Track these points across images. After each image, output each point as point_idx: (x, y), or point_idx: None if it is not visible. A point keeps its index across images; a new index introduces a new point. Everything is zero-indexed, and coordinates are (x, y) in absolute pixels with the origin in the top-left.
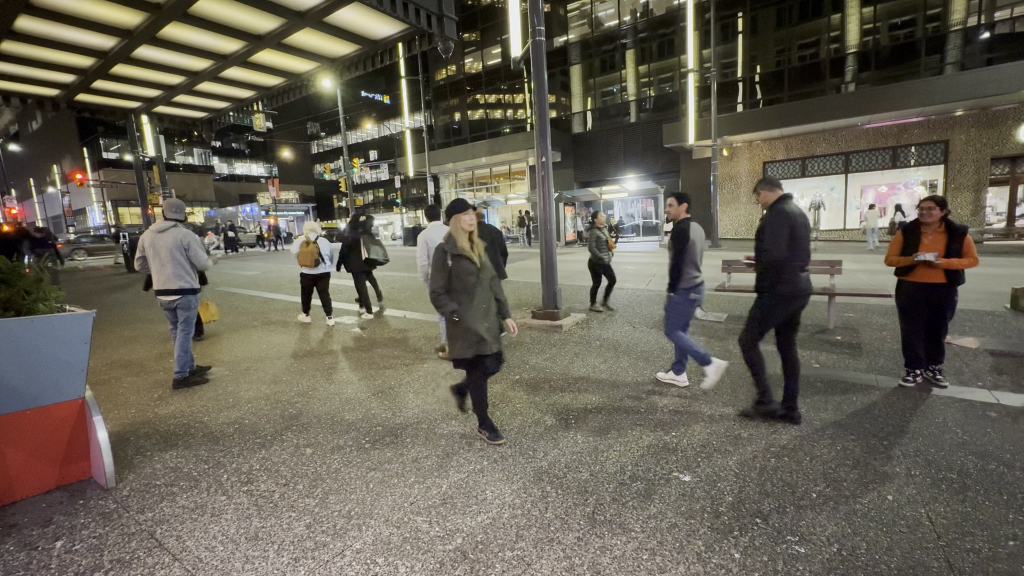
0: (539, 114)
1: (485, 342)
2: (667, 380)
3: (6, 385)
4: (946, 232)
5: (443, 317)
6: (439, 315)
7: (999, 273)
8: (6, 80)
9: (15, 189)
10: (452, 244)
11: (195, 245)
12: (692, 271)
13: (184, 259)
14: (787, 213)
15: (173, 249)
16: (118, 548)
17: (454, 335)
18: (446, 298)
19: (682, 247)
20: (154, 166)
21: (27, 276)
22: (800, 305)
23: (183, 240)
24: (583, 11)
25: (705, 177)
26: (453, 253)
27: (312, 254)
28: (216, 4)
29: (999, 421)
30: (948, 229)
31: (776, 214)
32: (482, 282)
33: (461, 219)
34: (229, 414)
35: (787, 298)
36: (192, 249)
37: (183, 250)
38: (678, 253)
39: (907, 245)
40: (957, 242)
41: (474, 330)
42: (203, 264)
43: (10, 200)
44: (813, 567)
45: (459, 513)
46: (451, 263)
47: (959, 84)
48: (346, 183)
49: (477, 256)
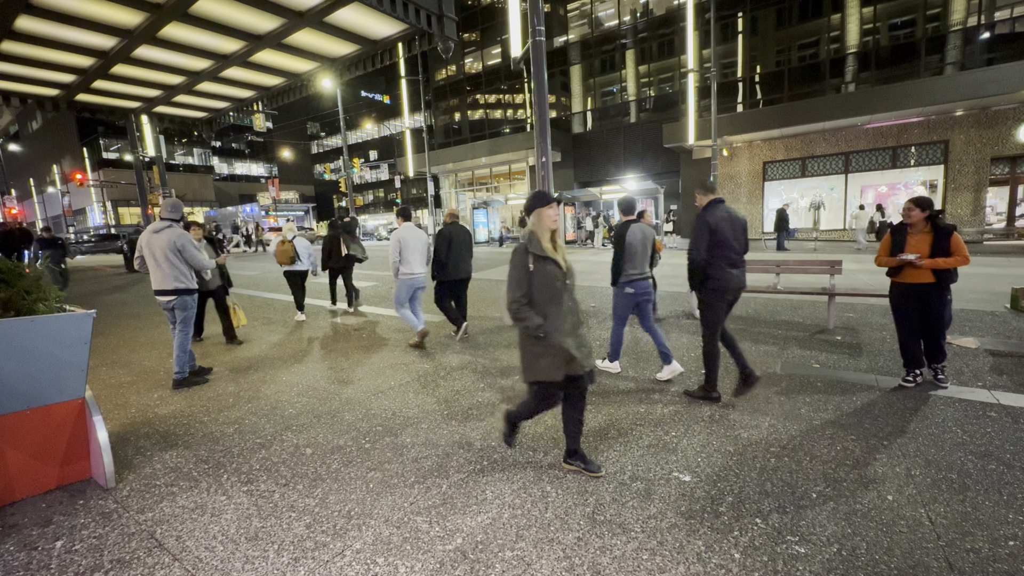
0: (539, 114)
1: (576, 360)
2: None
3: (6, 385)
4: (932, 232)
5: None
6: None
7: (999, 273)
8: (6, 80)
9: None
10: (535, 244)
11: (189, 246)
12: (629, 268)
13: (179, 260)
14: (707, 218)
15: (167, 250)
16: (118, 548)
17: (536, 353)
18: (528, 310)
19: (620, 248)
20: (154, 166)
21: (27, 276)
22: (733, 297)
23: (176, 241)
24: (583, 11)
25: (705, 177)
26: (537, 255)
27: (287, 252)
28: (216, 4)
29: (999, 421)
30: (934, 229)
31: (697, 219)
32: (569, 288)
33: (545, 214)
34: (229, 414)
35: (719, 292)
36: (187, 250)
37: (176, 252)
38: (617, 253)
39: (894, 245)
40: (944, 241)
41: (563, 346)
42: (200, 265)
43: (10, 200)
44: (813, 567)
45: (459, 513)
46: (533, 267)
47: (959, 84)
48: (346, 183)
49: (563, 258)
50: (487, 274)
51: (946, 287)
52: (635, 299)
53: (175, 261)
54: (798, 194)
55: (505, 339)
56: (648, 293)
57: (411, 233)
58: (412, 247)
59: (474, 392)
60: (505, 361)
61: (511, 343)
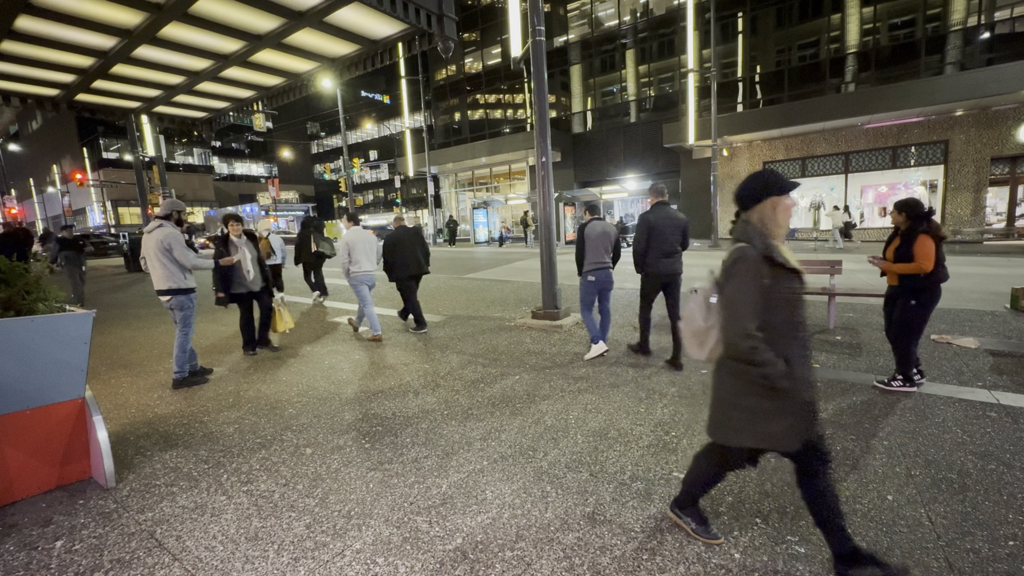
0: (539, 114)
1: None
2: None
3: (6, 385)
4: (902, 235)
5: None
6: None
7: (999, 273)
8: (6, 80)
9: (15, 189)
10: (772, 248)
11: (177, 245)
12: (590, 259)
13: (169, 260)
14: (648, 216)
15: (157, 250)
16: (118, 548)
17: (766, 411)
18: (768, 350)
19: (580, 242)
20: (154, 166)
21: (27, 276)
22: (663, 282)
23: (164, 241)
24: (583, 11)
25: (705, 177)
26: (776, 261)
27: (265, 248)
28: (216, 4)
29: (999, 421)
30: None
31: (639, 219)
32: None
33: (782, 205)
34: (229, 414)
35: (652, 276)
36: (175, 250)
37: (166, 251)
38: (578, 247)
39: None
40: (906, 246)
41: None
42: (191, 264)
43: (10, 200)
44: (813, 567)
45: (459, 513)
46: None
47: (959, 84)
48: (346, 183)
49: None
50: (487, 274)
51: (910, 292)
52: (597, 286)
53: (165, 261)
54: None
55: (505, 340)
56: (608, 281)
57: (359, 235)
58: (360, 248)
59: (474, 392)
60: (505, 362)
61: (511, 343)
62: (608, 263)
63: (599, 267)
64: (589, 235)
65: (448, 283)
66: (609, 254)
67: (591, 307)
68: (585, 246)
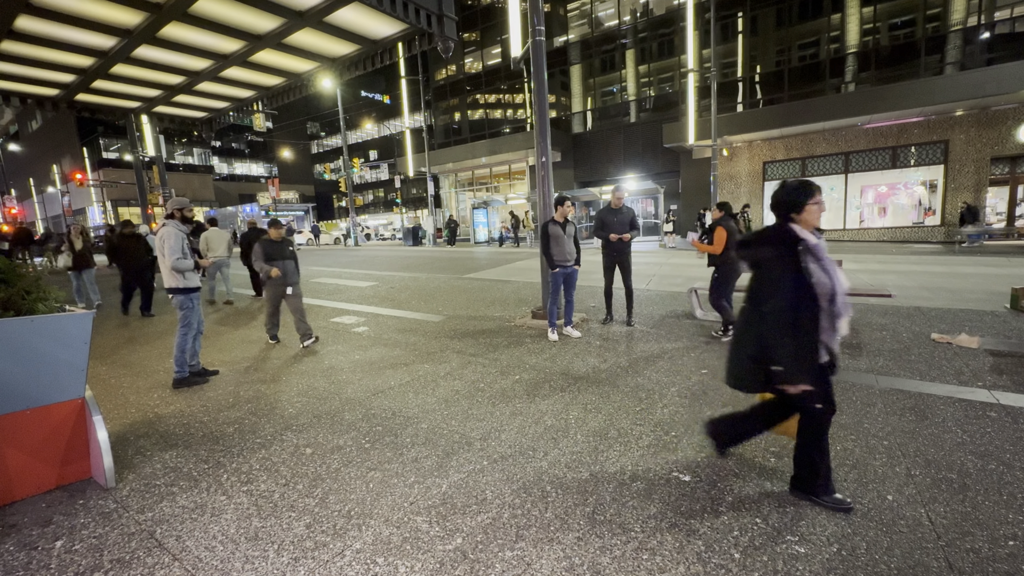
0: (539, 114)
1: None
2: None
3: (6, 385)
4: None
5: None
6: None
7: (999, 273)
8: (6, 80)
9: (15, 189)
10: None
11: (168, 247)
12: (558, 255)
13: None
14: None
15: (157, 249)
16: (118, 548)
17: None
18: None
19: (545, 240)
20: (154, 166)
21: (27, 276)
22: (614, 258)
23: (160, 240)
24: (583, 11)
25: (705, 177)
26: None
27: None
28: (216, 4)
29: (999, 421)
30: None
31: (597, 211)
32: None
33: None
34: (229, 414)
35: (605, 252)
36: (163, 249)
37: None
38: (543, 245)
39: None
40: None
41: None
42: (180, 267)
43: (10, 200)
44: (813, 567)
45: (459, 513)
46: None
47: (959, 84)
48: (346, 183)
49: None
50: (487, 274)
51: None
52: (562, 275)
53: (162, 260)
54: None
55: (505, 340)
56: (573, 272)
57: (216, 234)
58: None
59: (474, 392)
60: (505, 362)
61: (510, 343)
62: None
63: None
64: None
65: (448, 283)
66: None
67: (558, 293)
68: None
